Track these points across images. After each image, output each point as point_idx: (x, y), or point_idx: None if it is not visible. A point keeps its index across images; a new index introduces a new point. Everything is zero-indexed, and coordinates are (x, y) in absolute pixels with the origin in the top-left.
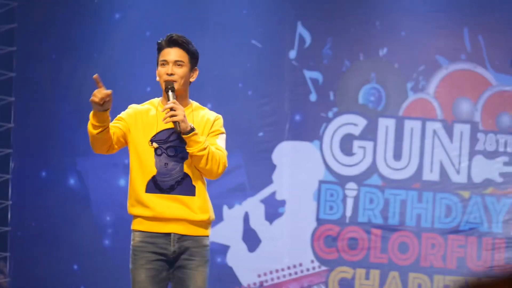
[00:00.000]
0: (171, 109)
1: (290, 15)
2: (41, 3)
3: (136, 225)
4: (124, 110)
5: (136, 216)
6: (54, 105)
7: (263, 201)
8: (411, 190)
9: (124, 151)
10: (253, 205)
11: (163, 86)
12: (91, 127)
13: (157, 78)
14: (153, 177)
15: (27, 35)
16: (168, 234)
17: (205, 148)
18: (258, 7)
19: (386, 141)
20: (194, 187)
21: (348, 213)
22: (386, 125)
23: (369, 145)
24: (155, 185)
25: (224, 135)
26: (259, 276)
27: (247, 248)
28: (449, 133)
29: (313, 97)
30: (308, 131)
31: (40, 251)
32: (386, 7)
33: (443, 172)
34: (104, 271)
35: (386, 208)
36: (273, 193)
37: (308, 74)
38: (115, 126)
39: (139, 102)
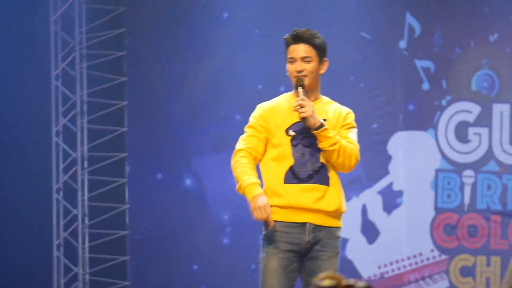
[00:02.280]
0: (300, 105)
1: (398, 5)
2: (148, 7)
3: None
4: (236, 111)
5: (271, 206)
6: (166, 107)
7: (380, 192)
8: None
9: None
10: (371, 197)
11: (294, 82)
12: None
13: (287, 73)
14: (291, 167)
15: (136, 39)
16: (303, 224)
17: (335, 143)
18: None
19: (502, 126)
20: (329, 177)
21: (466, 200)
22: (500, 110)
23: (484, 131)
24: (293, 175)
25: (356, 129)
26: (379, 267)
27: (366, 240)
28: None
29: (425, 86)
30: (422, 120)
31: (159, 253)
32: None
33: None
34: (224, 270)
35: (505, 194)
36: (390, 184)
37: (420, 63)
38: (254, 147)
39: (251, 100)
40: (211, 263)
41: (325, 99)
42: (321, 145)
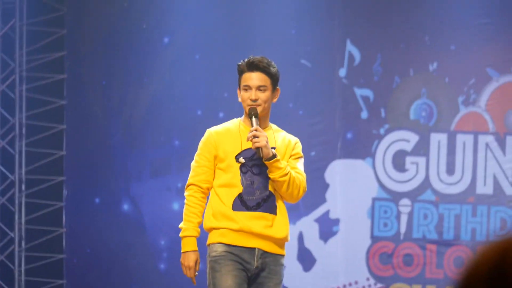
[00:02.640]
0: (254, 136)
1: (338, 33)
2: (89, 30)
3: (218, 237)
4: (175, 136)
5: (218, 228)
6: (105, 131)
7: (317, 220)
8: (465, 204)
9: (176, 174)
10: (307, 225)
11: (246, 110)
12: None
13: (239, 100)
14: (239, 195)
15: (76, 63)
16: (253, 249)
17: (286, 174)
18: (306, 27)
19: (439, 156)
20: (276, 206)
21: (403, 229)
22: (438, 140)
23: (421, 160)
24: (241, 203)
25: (303, 159)
26: None
27: (302, 268)
28: (502, 145)
29: (364, 114)
30: (360, 148)
31: (96, 277)
32: (435, 21)
33: (496, 185)
34: None
35: (441, 223)
36: (327, 212)
37: (359, 91)
38: (205, 178)
39: (190, 126)
40: None
41: (273, 127)
42: (272, 175)
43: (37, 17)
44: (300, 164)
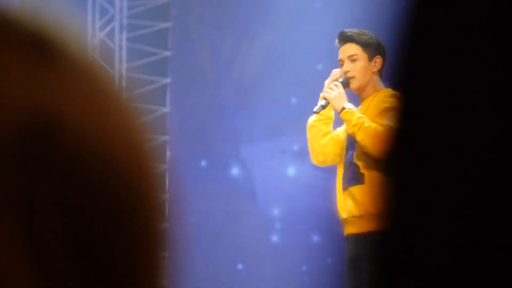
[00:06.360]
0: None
1: None
2: None
3: None
4: (292, 93)
5: None
6: (214, 86)
7: None
8: None
9: (293, 135)
10: None
11: None
12: None
13: None
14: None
15: (183, 9)
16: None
17: (355, 124)
18: None
19: None
20: (363, 174)
21: None
22: None
23: None
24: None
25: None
26: None
27: None
28: None
29: None
30: None
31: (200, 249)
32: None
33: None
34: (271, 271)
35: None
36: None
37: None
38: None
39: (309, 82)
40: (258, 263)
41: (384, 92)
42: (347, 130)
43: None
44: (388, 120)
